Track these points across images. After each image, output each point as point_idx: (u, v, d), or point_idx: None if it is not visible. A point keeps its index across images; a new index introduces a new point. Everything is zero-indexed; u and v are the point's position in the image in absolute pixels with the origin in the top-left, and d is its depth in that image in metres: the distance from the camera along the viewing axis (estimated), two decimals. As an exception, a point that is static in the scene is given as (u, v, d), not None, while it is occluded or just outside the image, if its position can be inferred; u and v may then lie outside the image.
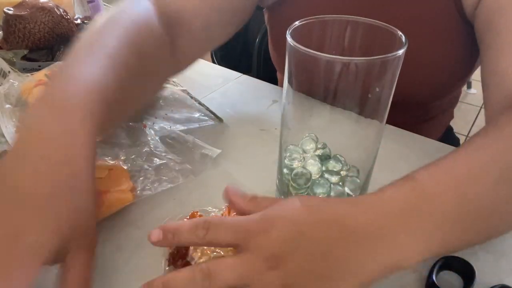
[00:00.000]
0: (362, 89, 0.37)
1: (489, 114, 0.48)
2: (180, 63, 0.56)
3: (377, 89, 0.37)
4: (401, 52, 0.34)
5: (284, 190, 0.44)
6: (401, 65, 0.36)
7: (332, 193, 0.41)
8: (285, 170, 0.44)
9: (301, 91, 0.39)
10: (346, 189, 0.42)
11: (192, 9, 0.53)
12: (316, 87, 0.38)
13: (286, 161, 0.44)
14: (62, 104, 0.34)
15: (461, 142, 0.90)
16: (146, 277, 0.41)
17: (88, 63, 0.38)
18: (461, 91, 0.80)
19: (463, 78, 0.64)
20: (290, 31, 0.37)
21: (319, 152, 0.44)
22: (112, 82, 0.38)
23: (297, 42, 0.35)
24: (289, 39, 0.36)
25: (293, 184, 0.42)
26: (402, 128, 0.62)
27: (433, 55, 0.59)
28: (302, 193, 0.42)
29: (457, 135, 0.87)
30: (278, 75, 0.84)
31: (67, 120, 0.34)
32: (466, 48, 0.59)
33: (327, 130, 0.44)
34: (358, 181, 0.42)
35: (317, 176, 0.42)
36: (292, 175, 0.42)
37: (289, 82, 0.39)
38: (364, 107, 0.38)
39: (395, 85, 0.38)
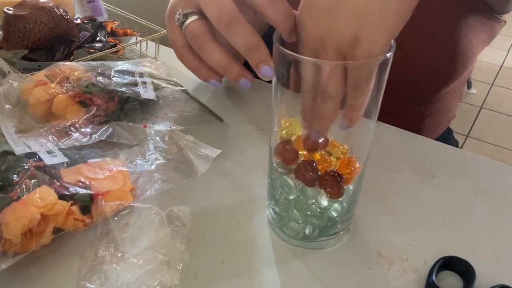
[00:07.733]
0: None
1: None
2: None
3: None
4: (388, 55, 0.34)
5: (274, 194, 0.43)
6: (389, 67, 0.35)
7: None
8: (274, 174, 0.43)
9: (292, 90, 0.39)
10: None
11: None
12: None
13: (275, 164, 0.43)
14: None
15: (460, 143, 0.90)
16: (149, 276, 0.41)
17: None
18: (464, 86, 0.81)
19: (465, 65, 0.66)
20: (278, 34, 0.37)
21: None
22: None
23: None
24: (275, 43, 0.36)
25: (283, 188, 0.42)
26: (407, 123, 0.62)
27: (434, 42, 0.61)
28: (292, 197, 0.42)
29: (457, 135, 0.88)
30: None
31: None
32: (466, 37, 0.62)
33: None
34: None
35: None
36: (281, 179, 0.42)
37: (279, 82, 0.39)
38: None
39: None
